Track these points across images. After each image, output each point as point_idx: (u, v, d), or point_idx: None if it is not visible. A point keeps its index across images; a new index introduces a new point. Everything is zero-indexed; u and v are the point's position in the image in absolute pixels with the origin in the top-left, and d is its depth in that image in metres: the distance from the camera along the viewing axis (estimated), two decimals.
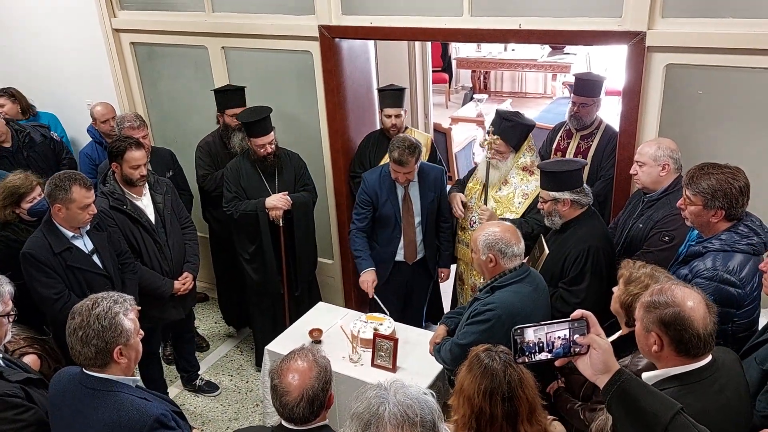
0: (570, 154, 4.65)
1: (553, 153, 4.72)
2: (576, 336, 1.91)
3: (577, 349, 1.91)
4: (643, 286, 2.64)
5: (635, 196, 3.79)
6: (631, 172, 3.64)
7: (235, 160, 4.52)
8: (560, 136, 4.75)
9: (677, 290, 2.18)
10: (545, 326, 1.91)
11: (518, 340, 1.90)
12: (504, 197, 4.14)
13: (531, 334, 1.90)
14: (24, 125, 5.17)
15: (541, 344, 1.90)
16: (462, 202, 4.33)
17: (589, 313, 1.94)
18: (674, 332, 2.13)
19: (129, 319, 2.45)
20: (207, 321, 5.73)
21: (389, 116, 4.53)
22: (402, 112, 4.59)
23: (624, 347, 2.70)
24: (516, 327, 1.92)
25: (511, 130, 4.12)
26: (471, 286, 4.39)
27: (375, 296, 4.18)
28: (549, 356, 1.90)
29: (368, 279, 4.28)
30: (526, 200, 4.07)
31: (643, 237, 3.50)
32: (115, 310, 2.41)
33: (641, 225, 3.53)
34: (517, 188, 4.12)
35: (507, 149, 4.12)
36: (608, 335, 2.83)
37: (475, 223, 4.27)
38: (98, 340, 2.37)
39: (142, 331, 2.53)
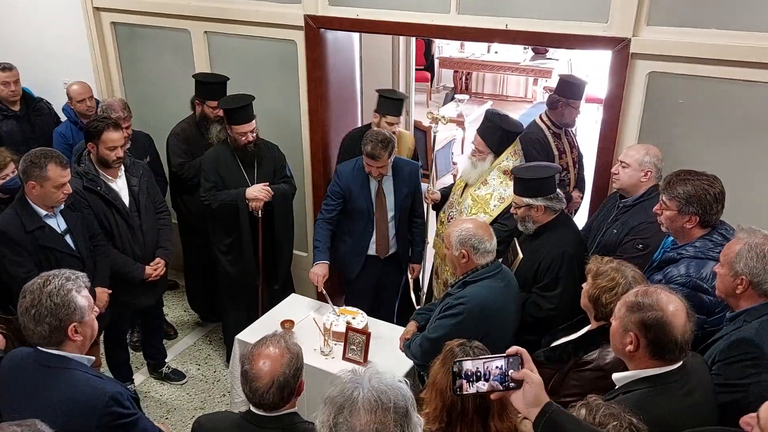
0: (568, 152, 4.73)
1: (559, 158, 4.75)
2: (511, 371, 1.98)
3: (512, 384, 1.98)
4: (609, 279, 2.69)
5: (610, 200, 3.83)
6: (613, 170, 3.68)
7: (214, 149, 4.48)
8: (554, 143, 4.78)
9: (662, 294, 2.21)
10: (482, 359, 2.00)
11: (457, 371, 1.98)
12: (481, 197, 4.15)
13: (469, 365, 1.99)
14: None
15: (478, 373, 1.98)
16: (435, 194, 4.42)
17: (522, 350, 2.01)
18: (653, 336, 2.16)
19: (82, 296, 2.42)
20: (176, 309, 5.68)
21: (391, 124, 4.52)
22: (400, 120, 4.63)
23: (592, 341, 2.74)
24: (455, 360, 2.01)
25: (489, 131, 4.11)
26: (444, 281, 4.42)
27: (324, 291, 4.17)
28: (486, 385, 1.98)
29: (319, 272, 4.24)
30: (501, 204, 4.08)
31: (617, 243, 3.53)
32: (67, 287, 2.38)
33: (615, 230, 3.57)
34: (495, 190, 4.12)
35: (485, 150, 4.11)
36: (578, 330, 2.89)
37: (453, 218, 4.28)
38: (52, 318, 2.34)
39: (97, 308, 2.50)
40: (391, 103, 4.50)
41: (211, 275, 4.90)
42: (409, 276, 4.71)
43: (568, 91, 4.69)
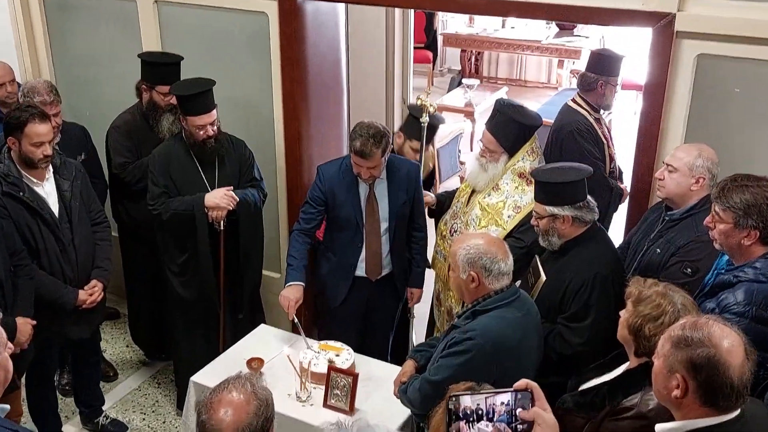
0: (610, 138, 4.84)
1: (607, 147, 4.80)
2: (519, 409, 1.99)
3: (521, 427, 1.99)
4: (654, 306, 2.70)
5: (653, 212, 3.85)
6: (657, 175, 3.70)
7: (164, 145, 4.48)
8: (599, 130, 4.83)
9: (715, 327, 2.21)
10: (484, 394, 2.01)
11: (453, 408, 2.00)
12: (492, 206, 4.15)
13: (468, 401, 2.00)
14: None
15: (480, 411, 1.98)
16: (427, 197, 4.50)
17: (534, 384, 2.02)
18: (705, 378, 2.16)
19: None
20: (116, 344, 5.65)
21: (416, 151, 4.68)
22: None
23: (632, 383, 2.74)
24: (451, 395, 2.02)
25: (502, 126, 4.11)
26: (447, 310, 4.43)
27: (296, 320, 4.17)
28: (489, 426, 1.98)
29: (290, 296, 4.21)
30: (517, 214, 4.09)
31: (661, 265, 3.54)
32: None
33: (659, 250, 3.58)
34: (509, 197, 4.12)
35: (497, 149, 4.11)
36: (614, 368, 2.89)
37: (456, 232, 4.29)
38: None
39: (11, 344, 2.49)
40: (414, 125, 4.59)
41: (161, 302, 4.89)
42: (408, 303, 4.72)
43: (605, 66, 4.77)
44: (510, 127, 4.10)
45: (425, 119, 4.64)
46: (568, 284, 3.53)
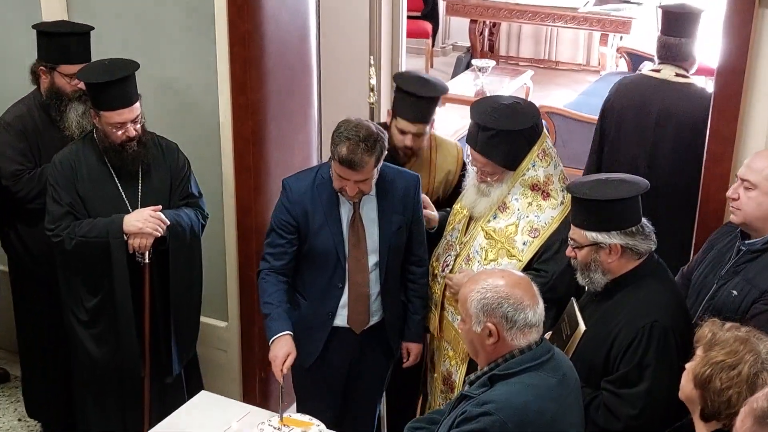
0: None
1: None
2: None
3: None
4: (730, 353, 2.70)
5: (722, 237, 3.87)
6: (729, 194, 3.71)
7: (69, 149, 4.47)
8: None
9: None
10: None
11: None
12: (500, 231, 4.16)
13: None
14: None
15: None
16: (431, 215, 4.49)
17: None
18: None
19: None
20: (6, 415, 5.65)
21: (404, 133, 4.50)
22: (426, 129, 4.57)
23: None
24: None
25: (495, 142, 4.08)
26: (444, 376, 4.43)
27: (282, 386, 4.15)
28: None
29: (280, 353, 4.20)
30: (535, 239, 4.10)
31: (739, 310, 3.55)
32: None
33: (735, 292, 3.59)
34: (522, 218, 4.14)
35: (496, 169, 4.13)
36: None
37: (449, 266, 4.32)
38: None
39: None
40: (409, 101, 4.53)
41: (64, 361, 4.87)
42: (404, 363, 4.70)
43: (687, 25, 4.96)
44: (503, 141, 4.08)
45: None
46: (615, 337, 3.52)
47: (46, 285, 4.78)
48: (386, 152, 4.19)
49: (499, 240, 4.16)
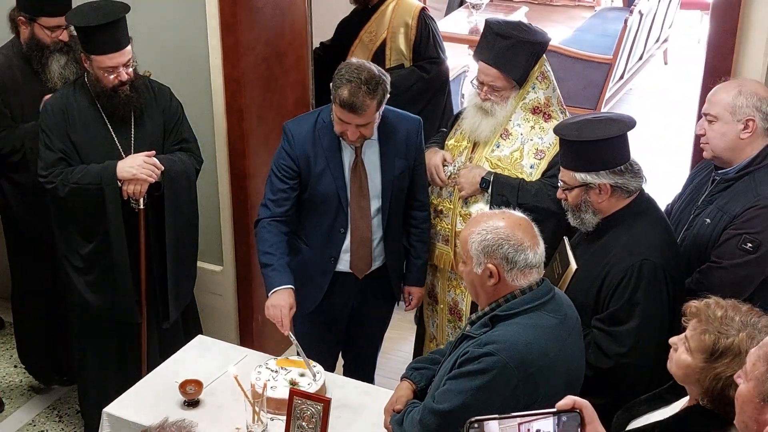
0: None
1: None
2: None
3: None
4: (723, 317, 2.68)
5: (700, 172, 3.92)
6: (697, 131, 3.77)
7: (61, 95, 4.47)
8: None
9: None
10: (517, 417, 2.10)
11: None
12: (506, 158, 4.20)
13: (495, 427, 2.06)
14: None
15: None
16: (445, 162, 4.41)
17: (583, 402, 2.05)
18: None
19: None
20: (2, 362, 5.69)
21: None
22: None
23: (695, 423, 2.74)
24: (472, 419, 2.09)
25: (510, 53, 4.13)
26: (449, 306, 4.44)
27: (291, 335, 4.18)
28: None
29: (281, 304, 4.22)
30: (542, 160, 4.15)
31: (713, 240, 3.62)
32: None
33: (709, 220, 3.65)
34: (526, 142, 4.18)
35: (507, 84, 4.17)
36: (672, 401, 2.92)
37: (451, 194, 4.36)
38: None
39: None
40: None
41: (58, 309, 4.90)
42: (405, 307, 4.75)
43: None
44: (520, 52, 4.15)
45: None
46: (606, 275, 3.56)
47: (37, 235, 4.80)
48: (388, 96, 4.20)
49: (505, 168, 4.20)
